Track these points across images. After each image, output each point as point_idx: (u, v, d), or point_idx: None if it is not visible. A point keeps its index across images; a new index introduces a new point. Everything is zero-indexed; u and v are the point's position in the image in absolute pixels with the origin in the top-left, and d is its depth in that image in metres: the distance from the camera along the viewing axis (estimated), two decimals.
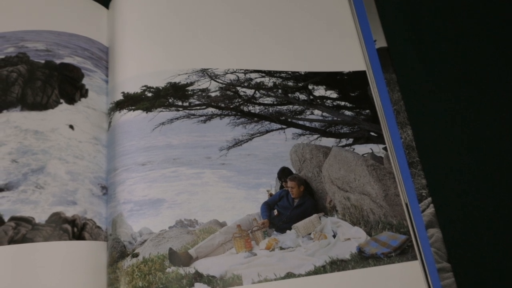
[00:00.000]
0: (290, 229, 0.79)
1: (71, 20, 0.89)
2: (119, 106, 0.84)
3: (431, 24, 1.03)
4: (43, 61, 0.84)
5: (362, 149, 0.87)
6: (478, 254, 0.81)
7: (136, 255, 0.72)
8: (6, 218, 0.71)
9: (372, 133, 0.89)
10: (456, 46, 1.01)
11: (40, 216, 0.72)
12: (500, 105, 0.94)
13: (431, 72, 0.98)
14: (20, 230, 0.70)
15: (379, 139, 0.88)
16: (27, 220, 0.71)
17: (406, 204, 0.82)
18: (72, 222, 0.73)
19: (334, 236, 0.78)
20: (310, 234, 0.79)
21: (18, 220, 0.71)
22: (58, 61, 0.85)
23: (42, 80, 0.83)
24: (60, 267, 0.70)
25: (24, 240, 0.70)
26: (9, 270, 0.68)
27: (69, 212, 0.74)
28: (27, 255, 0.69)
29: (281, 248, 0.76)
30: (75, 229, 0.73)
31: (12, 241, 0.70)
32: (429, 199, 0.83)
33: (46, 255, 0.70)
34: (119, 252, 0.73)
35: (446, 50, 1.00)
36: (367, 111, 0.91)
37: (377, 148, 0.87)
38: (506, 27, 1.03)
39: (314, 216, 0.80)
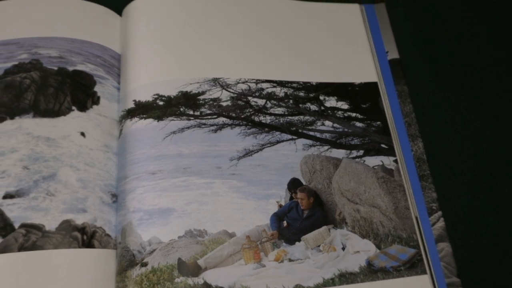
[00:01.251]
0: (299, 240, 0.79)
1: (84, 27, 0.90)
2: (130, 114, 0.84)
3: (443, 37, 1.03)
4: (56, 68, 0.85)
5: (373, 161, 0.86)
6: (488, 269, 0.80)
7: (145, 264, 0.72)
8: (16, 225, 0.72)
9: (383, 145, 0.88)
10: (468, 59, 1.01)
11: (51, 224, 0.72)
12: None
13: (443, 85, 0.97)
14: (30, 237, 0.71)
15: (390, 152, 0.87)
16: (38, 227, 0.72)
17: (416, 218, 0.82)
18: (82, 229, 0.74)
19: (343, 248, 0.78)
20: (319, 246, 0.78)
21: (29, 227, 0.71)
22: (70, 68, 0.85)
23: (55, 87, 0.83)
24: (69, 275, 0.70)
25: (34, 247, 0.70)
26: (18, 277, 0.68)
27: (79, 219, 0.74)
28: (37, 263, 0.70)
29: (290, 260, 0.75)
30: (85, 237, 0.73)
31: (22, 248, 0.70)
32: (439, 212, 0.82)
33: (55, 262, 0.70)
34: (128, 261, 0.73)
35: (459, 63, 1.00)
36: (378, 122, 0.90)
37: (387, 161, 0.87)
38: None
39: (324, 228, 0.80)
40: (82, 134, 0.81)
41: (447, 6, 1.07)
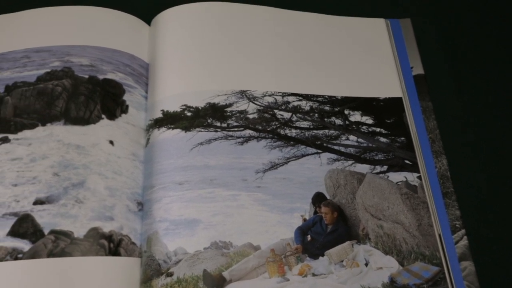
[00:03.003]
0: (323, 255, 0.79)
1: (115, 36, 0.91)
2: (158, 123, 0.85)
3: (469, 53, 1.03)
4: (87, 76, 0.86)
5: (396, 177, 0.86)
6: None
7: (170, 275, 0.73)
8: (46, 231, 0.73)
9: (407, 161, 0.88)
10: (494, 77, 1.00)
11: (79, 231, 0.73)
12: None
13: (468, 102, 0.97)
14: (59, 244, 0.72)
15: (414, 168, 0.87)
16: (66, 234, 0.73)
17: (440, 235, 0.82)
18: (109, 237, 0.75)
19: (366, 264, 0.78)
20: (342, 261, 0.78)
21: (58, 234, 0.73)
22: (101, 77, 0.87)
23: (86, 95, 0.85)
24: (95, 283, 0.71)
25: (62, 254, 0.71)
26: (47, 283, 0.69)
27: (107, 227, 0.75)
28: (65, 269, 0.71)
29: (314, 275, 0.76)
30: (112, 245, 0.74)
31: (51, 254, 0.71)
32: (463, 231, 0.82)
33: (83, 270, 0.71)
34: (153, 270, 0.74)
35: (485, 80, 1.00)
36: (402, 138, 0.90)
37: (411, 177, 0.87)
38: None
39: (347, 243, 0.80)
40: (111, 142, 0.82)
41: (474, 22, 1.07)
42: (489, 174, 0.90)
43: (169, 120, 0.84)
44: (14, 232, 0.73)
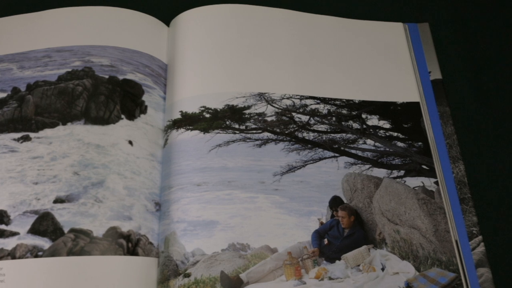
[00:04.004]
0: (339, 259, 0.79)
1: (134, 36, 0.92)
2: (176, 124, 0.85)
3: (488, 58, 1.02)
4: (107, 76, 0.87)
5: (413, 182, 0.86)
6: None
7: (188, 275, 0.73)
8: (66, 230, 0.74)
9: (424, 166, 0.88)
10: None
11: (98, 230, 0.74)
12: None
13: (486, 107, 0.97)
14: (78, 242, 0.72)
15: (431, 173, 0.87)
16: (86, 233, 0.73)
17: (456, 241, 0.81)
18: (127, 237, 0.75)
19: (382, 269, 0.78)
20: (359, 265, 0.78)
21: (77, 232, 0.73)
22: (121, 77, 0.87)
23: (106, 95, 0.86)
24: (113, 282, 0.72)
25: (82, 252, 0.72)
26: (66, 281, 0.70)
27: (125, 227, 0.76)
28: (84, 268, 0.71)
29: (330, 278, 0.76)
30: (130, 245, 0.75)
31: (70, 252, 0.72)
32: (480, 237, 0.82)
33: (101, 269, 0.72)
34: (171, 271, 0.74)
35: (503, 85, 0.99)
36: (420, 143, 0.90)
37: (428, 182, 0.86)
38: None
39: (364, 247, 0.80)
40: (130, 142, 0.83)
41: (492, 27, 1.06)
42: (507, 180, 0.89)
43: (188, 121, 0.85)
44: (34, 230, 0.74)
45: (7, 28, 0.93)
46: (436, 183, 0.86)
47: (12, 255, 0.71)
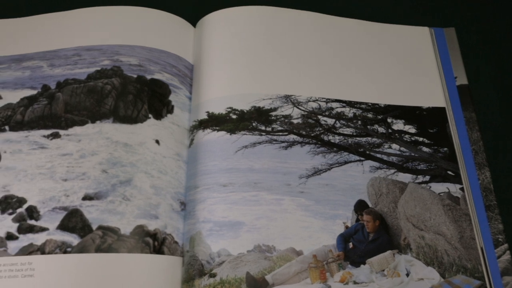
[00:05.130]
0: (364, 263, 0.79)
1: (162, 37, 0.93)
2: (203, 125, 0.86)
3: None
4: (135, 76, 0.88)
5: (439, 187, 0.86)
6: None
7: (213, 275, 0.73)
8: (94, 227, 0.74)
9: (449, 172, 0.87)
10: None
11: (125, 228, 0.75)
12: None
13: None
14: (106, 240, 0.73)
15: (456, 179, 0.86)
16: (114, 231, 0.74)
17: (482, 249, 0.80)
18: (154, 236, 0.76)
19: (407, 275, 0.77)
20: (383, 270, 0.78)
21: (105, 230, 0.74)
22: (148, 77, 0.88)
23: (134, 94, 0.87)
24: (139, 280, 0.72)
25: (109, 249, 0.72)
26: (94, 277, 0.71)
27: (152, 225, 0.76)
28: (111, 265, 0.72)
29: (355, 283, 0.76)
30: (156, 243, 0.75)
31: (98, 249, 0.72)
32: (506, 245, 0.81)
33: (128, 266, 0.72)
34: (196, 270, 0.75)
35: None
36: (445, 149, 0.90)
37: (453, 188, 0.86)
38: None
39: (389, 252, 0.80)
40: (157, 141, 0.84)
41: None
42: None
43: (214, 122, 0.85)
44: (63, 226, 0.75)
45: (38, 26, 0.94)
46: (462, 189, 0.86)
47: (41, 250, 0.72)
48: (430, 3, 1.10)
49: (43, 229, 0.74)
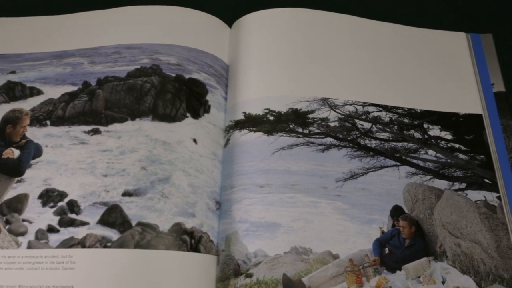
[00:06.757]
0: (400, 269, 0.78)
1: (199, 36, 0.93)
2: (239, 125, 0.86)
3: None
4: (174, 75, 0.89)
5: (475, 195, 0.85)
6: None
7: (250, 276, 0.74)
8: (133, 223, 0.75)
9: (486, 180, 0.86)
10: None
11: (164, 225, 0.75)
12: None
13: None
14: (145, 236, 0.74)
15: (493, 187, 0.85)
16: (152, 227, 0.75)
17: None
18: (191, 233, 0.76)
19: (443, 282, 0.77)
20: (419, 277, 0.77)
21: (144, 226, 0.75)
22: (187, 76, 0.89)
23: (172, 93, 0.87)
24: (176, 277, 0.73)
25: (148, 246, 0.73)
26: (132, 273, 0.72)
27: (189, 223, 0.77)
28: (149, 261, 0.73)
29: None
30: (193, 241, 0.76)
31: (137, 245, 0.73)
32: None
33: (165, 263, 0.73)
34: (232, 270, 0.75)
35: None
36: (482, 156, 0.89)
37: (490, 196, 0.85)
38: None
39: (424, 259, 0.79)
40: (194, 140, 0.84)
41: None
42: None
43: (251, 122, 0.86)
44: (103, 221, 0.76)
45: (79, 23, 0.96)
46: (499, 198, 0.84)
47: (82, 244, 0.73)
48: (467, 8, 1.09)
49: (83, 223, 0.75)
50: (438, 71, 0.96)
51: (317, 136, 0.86)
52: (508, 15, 1.07)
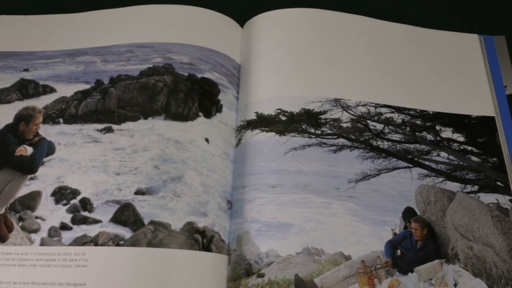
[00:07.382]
0: (412, 271, 0.78)
1: (212, 36, 0.93)
2: (251, 125, 0.86)
3: None
4: (186, 74, 0.89)
5: (488, 198, 0.84)
6: None
7: (262, 276, 0.74)
8: (146, 221, 0.75)
9: (499, 183, 0.86)
10: None
11: (176, 224, 0.76)
12: None
13: None
14: (158, 235, 0.74)
15: (506, 190, 0.85)
16: (165, 226, 0.75)
17: None
18: (203, 233, 0.76)
19: (455, 285, 0.76)
20: (431, 279, 0.77)
21: (157, 225, 0.75)
22: (199, 75, 0.89)
23: (185, 92, 0.87)
24: (188, 276, 0.73)
25: (161, 245, 0.73)
26: (145, 271, 0.72)
27: (201, 223, 0.77)
28: (161, 260, 0.73)
29: None
30: (205, 240, 0.76)
31: (150, 244, 0.73)
32: None
33: (177, 262, 0.73)
34: (243, 269, 0.75)
35: None
36: (494, 159, 0.88)
37: (503, 199, 0.84)
38: None
39: (436, 261, 0.79)
40: (207, 140, 0.84)
41: None
42: None
43: (263, 122, 0.86)
44: (116, 219, 0.76)
45: (92, 22, 0.96)
46: (511, 201, 0.84)
47: (94, 241, 0.73)
48: (480, 10, 1.09)
49: (96, 221, 0.76)
50: (450, 72, 0.96)
51: (330, 137, 0.86)
52: None
